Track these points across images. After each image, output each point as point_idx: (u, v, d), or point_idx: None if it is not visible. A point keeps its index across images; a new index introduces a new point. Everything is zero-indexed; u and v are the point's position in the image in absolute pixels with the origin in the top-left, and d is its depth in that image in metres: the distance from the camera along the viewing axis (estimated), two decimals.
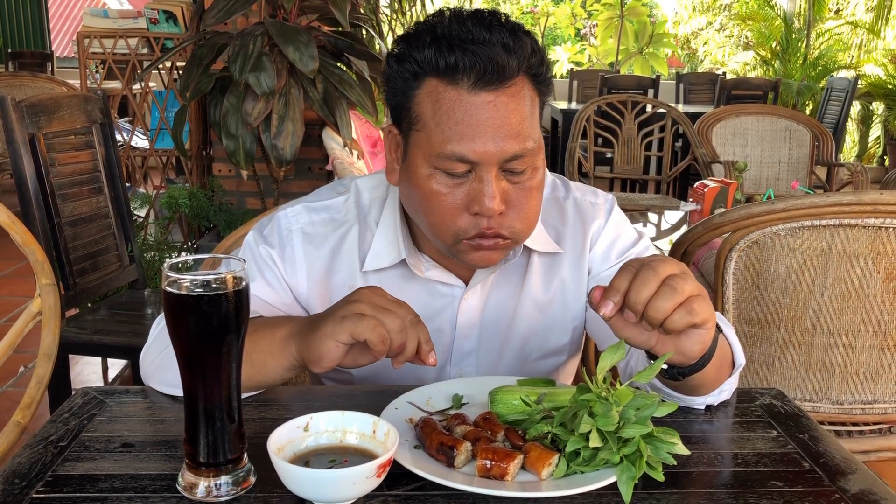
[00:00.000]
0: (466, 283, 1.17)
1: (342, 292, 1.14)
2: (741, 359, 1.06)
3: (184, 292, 0.80)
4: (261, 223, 1.20)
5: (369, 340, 0.89)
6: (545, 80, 1.04)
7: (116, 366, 3.14)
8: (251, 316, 1.01)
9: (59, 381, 2.13)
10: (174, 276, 0.80)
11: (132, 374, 2.91)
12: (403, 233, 1.14)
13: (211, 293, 0.80)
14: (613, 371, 0.91)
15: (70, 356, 2.37)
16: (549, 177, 1.25)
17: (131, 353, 2.30)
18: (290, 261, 1.16)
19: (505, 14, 1.02)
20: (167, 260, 3.00)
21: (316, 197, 1.21)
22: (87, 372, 3.21)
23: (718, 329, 0.95)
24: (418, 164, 1.03)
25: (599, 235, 1.22)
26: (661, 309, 0.84)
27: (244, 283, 0.82)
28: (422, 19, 1.07)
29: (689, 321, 0.85)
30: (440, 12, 1.02)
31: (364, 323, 0.89)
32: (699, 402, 1.05)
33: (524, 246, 1.15)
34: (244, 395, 1.00)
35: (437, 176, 1.02)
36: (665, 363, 0.93)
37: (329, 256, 1.16)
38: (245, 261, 0.84)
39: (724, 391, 1.05)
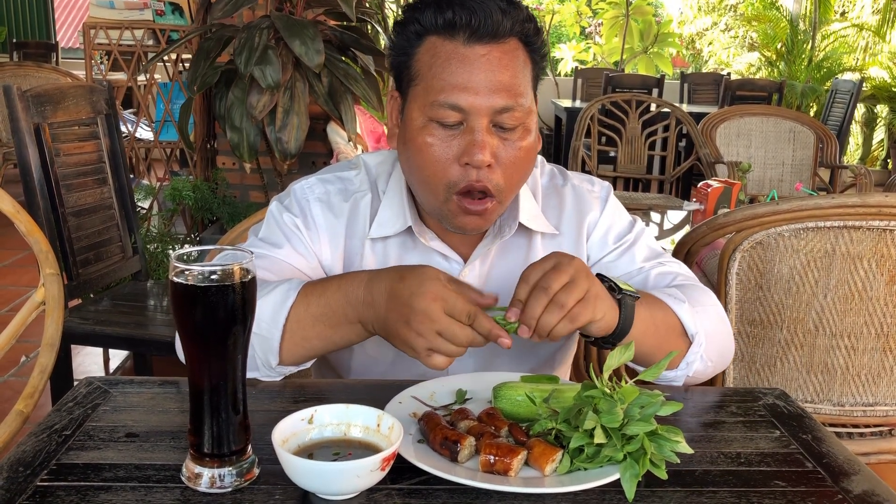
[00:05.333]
0: (466, 261, 1.19)
1: (353, 259, 1.20)
2: (692, 328, 1.10)
3: (191, 282, 0.80)
4: (280, 196, 1.24)
5: (426, 366, 0.94)
6: (539, 49, 1.10)
7: (118, 356, 3.14)
8: (284, 279, 1.06)
9: (61, 371, 2.13)
10: (182, 266, 0.80)
11: (133, 365, 2.92)
12: (409, 202, 1.18)
13: (218, 284, 0.80)
14: (618, 370, 0.91)
15: (72, 346, 2.37)
16: (547, 166, 1.30)
17: (133, 344, 2.30)
18: (314, 228, 1.19)
19: None
20: (171, 251, 3.00)
21: (328, 171, 1.25)
22: (89, 363, 3.21)
23: (634, 298, 1.01)
24: (414, 116, 1.08)
25: (597, 223, 1.25)
26: (547, 324, 0.94)
27: (251, 275, 0.82)
28: None
29: (571, 328, 0.95)
30: None
31: (419, 349, 0.93)
32: (670, 378, 1.12)
33: (521, 224, 1.18)
34: (310, 361, 1.07)
35: (430, 127, 1.06)
36: (589, 334, 1.01)
37: (345, 224, 1.20)
38: (252, 252, 0.84)
39: (692, 364, 1.10)
